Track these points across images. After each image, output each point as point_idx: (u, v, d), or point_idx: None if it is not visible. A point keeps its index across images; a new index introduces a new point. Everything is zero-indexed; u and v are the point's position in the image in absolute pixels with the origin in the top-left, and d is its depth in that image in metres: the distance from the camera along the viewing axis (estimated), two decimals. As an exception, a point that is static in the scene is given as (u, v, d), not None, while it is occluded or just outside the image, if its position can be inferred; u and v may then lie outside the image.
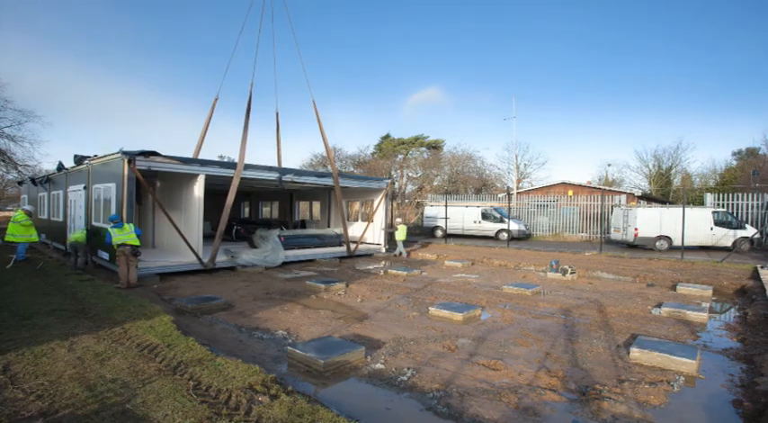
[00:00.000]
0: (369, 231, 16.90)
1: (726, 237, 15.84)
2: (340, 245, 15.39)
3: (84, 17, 69.26)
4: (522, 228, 21.47)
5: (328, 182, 15.46)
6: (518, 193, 28.67)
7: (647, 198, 29.51)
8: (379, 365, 4.79)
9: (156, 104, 79.75)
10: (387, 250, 16.32)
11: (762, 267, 11.42)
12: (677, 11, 62.20)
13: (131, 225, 9.30)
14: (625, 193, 24.12)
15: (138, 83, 76.67)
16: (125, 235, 9.00)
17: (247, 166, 12.05)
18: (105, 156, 10.56)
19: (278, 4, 23.28)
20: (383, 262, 14.41)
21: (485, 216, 21.70)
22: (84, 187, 11.92)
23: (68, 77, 69.91)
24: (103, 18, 71.11)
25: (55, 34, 65.68)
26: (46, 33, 63.52)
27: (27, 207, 13.03)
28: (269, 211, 25.73)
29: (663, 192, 38.48)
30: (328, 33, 79.80)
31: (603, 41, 68.19)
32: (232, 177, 11.44)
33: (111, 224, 9.11)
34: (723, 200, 18.63)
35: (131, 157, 9.51)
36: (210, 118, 14.21)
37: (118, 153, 9.62)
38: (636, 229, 16.63)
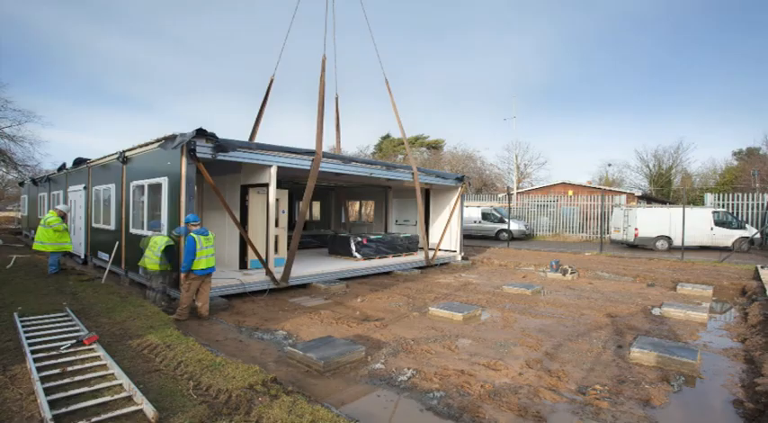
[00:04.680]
0: (445, 236, 13.85)
1: (726, 237, 15.85)
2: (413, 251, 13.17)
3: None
4: (523, 228, 21.47)
5: (403, 176, 12.02)
6: (518, 193, 28.68)
7: (648, 198, 29.51)
8: (379, 365, 4.79)
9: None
10: (463, 258, 14.01)
11: (762, 267, 11.41)
12: (677, 10, 62.27)
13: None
14: (625, 193, 24.12)
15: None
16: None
17: (328, 155, 9.66)
18: (105, 157, 10.53)
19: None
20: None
21: (485, 216, 21.70)
22: (84, 187, 11.92)
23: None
24: None
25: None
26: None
27: (60, 206, 10.30)
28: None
29: (663, 192, 38.46)
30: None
31: (603, 41, 68.27)
32: (304, 169, 9.25)
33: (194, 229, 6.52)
34: (723, 200, 18.64)
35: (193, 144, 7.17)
36: (266, 102, 11.43)
37: (116, 153, 9.54)
38: (636, 229, 16.63)
